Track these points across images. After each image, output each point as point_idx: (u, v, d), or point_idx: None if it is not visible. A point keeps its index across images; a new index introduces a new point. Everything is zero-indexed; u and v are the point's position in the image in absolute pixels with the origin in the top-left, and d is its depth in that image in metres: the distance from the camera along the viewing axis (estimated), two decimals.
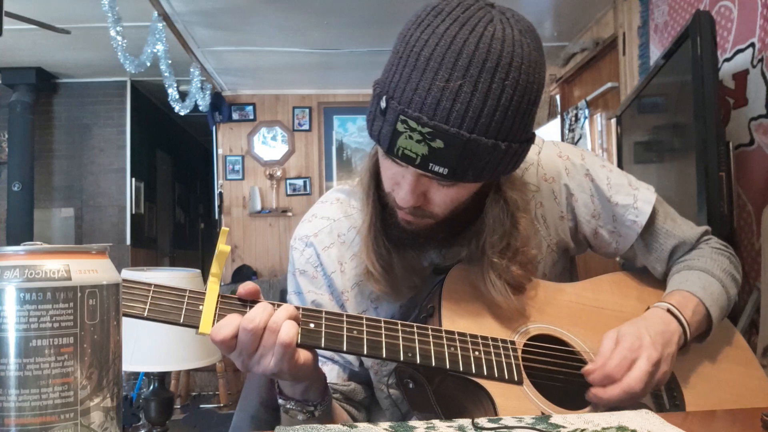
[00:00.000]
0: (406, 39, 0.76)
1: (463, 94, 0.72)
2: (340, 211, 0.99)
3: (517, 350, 0.84)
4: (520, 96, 0.74)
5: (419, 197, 0.81)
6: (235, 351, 0.74)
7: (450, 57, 0.72)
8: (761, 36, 1.93)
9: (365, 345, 0.77)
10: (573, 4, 3.69)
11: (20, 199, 5.00)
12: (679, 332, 0.86)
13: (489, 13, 0.75)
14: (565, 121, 4.33)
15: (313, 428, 0.66)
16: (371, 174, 0.89)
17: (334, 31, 4.19)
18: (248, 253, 5.73)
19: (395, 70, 0.76)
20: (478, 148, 0.74)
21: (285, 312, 0.74)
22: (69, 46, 4.41)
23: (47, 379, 0.46)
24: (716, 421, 0.79)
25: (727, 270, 0.98)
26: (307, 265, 0.98)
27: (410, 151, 0.74)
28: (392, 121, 0.75)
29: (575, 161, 0.99)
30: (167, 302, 0.74)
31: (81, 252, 0.49)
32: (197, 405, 4.20)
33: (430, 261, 0.96)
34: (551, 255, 1.00)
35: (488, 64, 0.71)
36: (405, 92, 0.74)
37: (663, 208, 1.01)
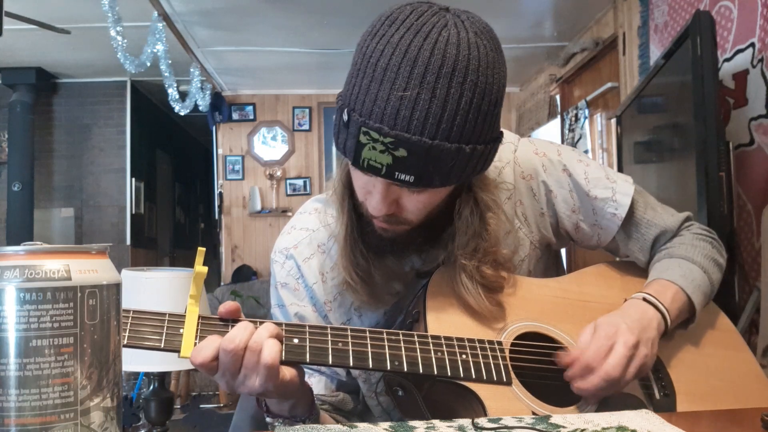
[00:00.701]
0: (362, 50, 0.77)
1: (421, 102, 0.72)
2: (318, 221, 0.99)
3: (505, 350, 0.83)
4: (479, 98, 0.74)
5: (391, 205, 0.81)
6: (218, 373, 0.73)
7: (406, 65, 0.72)
8: (761, 36, 1.93)
9: (351, 357, 0.77)
10: (573, 4, 3.69)
11: (20, 199, 5.00)
12: (658, 318, 0.86)
13: (443, 18, 0.75)
14: (565, 121, 4.33)
15: (313, 428, 0.66)
16: (344, 183, 0.89)
17: (334, 31, 4.19)
18: (248, 253, 5.73)
19: (354, 82, 0.77)
20: (442, 154, 0.74)
21: (266, 331, 0.73)
22: (69, 46, 4.41)
23: (47, 379, 0.46)
24: (716, 421, 0.79)
25: (708, 255, 0.97)
26: (288, 278, 0.97)
27: (375, 162, 0.75)
28: (355, 133, 0.76)
29: (552, 157, 0.99)
30: (147, 327, 0.73)
31: (81, 252, 0.49)
32: (197, 405, 4.20)
33: (411, 266, 0.95)
34: (535, 252, 1.00)
35: (444, 69, 0.72)
36: (365, 104, 0.74)
37: (643, 199, 1.01)
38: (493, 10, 3.70)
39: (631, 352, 0.80)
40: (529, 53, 4.59)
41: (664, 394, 0.87)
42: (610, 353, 0.79)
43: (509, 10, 3.76)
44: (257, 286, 5.24)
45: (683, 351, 0.92)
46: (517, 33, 4.15)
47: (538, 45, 4.42)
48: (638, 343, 0.81)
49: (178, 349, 0.73)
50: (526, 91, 5.43)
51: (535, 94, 5.08)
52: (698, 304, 0.91)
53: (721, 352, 0.95)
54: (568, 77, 4.38)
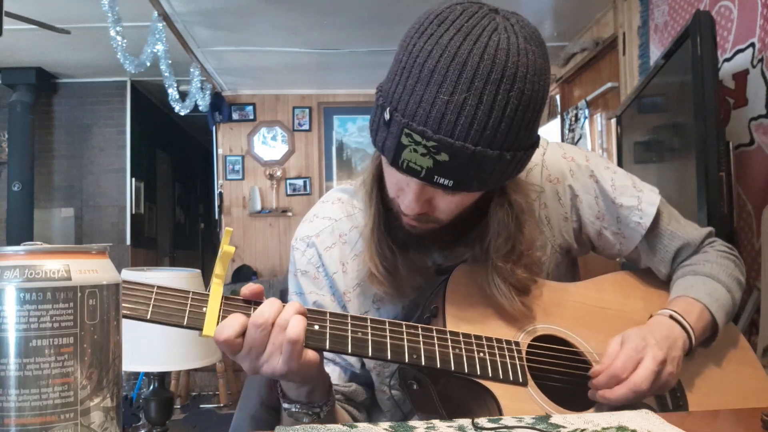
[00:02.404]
0: (408, 48, 0.75)
1: (467, 107, 0.71)
2: (341, 211, 0.99)
3: (522, 351, 0.84)
4: (525, 106, 0.73)
5: (424, 204, 0.81)
6: (243, 351, 0.73)
7: (454, 69, 0.71)
8: (761, 36, 1.93)
9: (370, 346, 0.77)
10: (573, 4, 3.69)
11: (20, 199, 5.00)
12: (684, 337, 0.86)
13: (493, 21, 0.74)
14: (565, 121, 4.33)
15: (312, 428, 0.66)
16: (374, 176, 0.89)
17: (334, 31, 4.19)
18: (248, 253, 5.73)
19: (398, 81, 0.75)
20: (484, 160, 0.73)
21: (292, 308, 0.74)
22: (69, 46, 4.41)
23: (47, 379, 0.46)
24: (716, 420, 0.79)
25: (732, 274, 0.98)
26: (308, 266, 0.97)
27: (415, 164, 0.74)
28: (396, 133, 0.74)
29: (580, 162, 0.99)
30: (170, 304, 0.73)
31: (81, 252, 0.49)
32: (197, 405, 4.20)
33: (433, 261, 0.96)
34: (555, 256, 1.00)
35: (493, 75, 0.71)
36: (409, 105, 0.73)
37: (667, 210, 1.01)
38: None
39: (659, 368, 0.80)
40: None
41: (677, 405, 0.88)
42: (639, 366, 0.79)
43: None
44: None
45: (698, 365, 0.92)
46: None
47: None
48: (665, 360, 0.81)
49: (201, 327, 0.73)
50: None
51: None
52: (721, 323, 0.91)
53: (736, 368, 0.95)
54: (568, 77, 4.38)
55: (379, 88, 0.80)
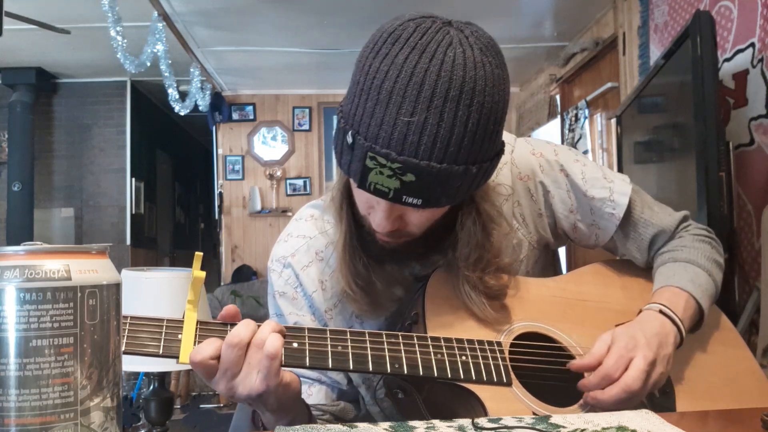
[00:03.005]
0: (365, 69, 0.75)
1: (429, 126, 0.71)
2: (315, 228, 0.98)
3: (504, 351, 0.83)
4: (486, 118, 0.73)
5: (395, 221, 0.81)
6: (218, 372, 0.72)
7: (412, 89, 0.70)
8: (761, 36, 1.93)
9: (351, 360, 0.76)
10: (573, 4, 3.69)
11: (20, 199, 5.00)
12: (674, 332, 0.85)
13: (447, 35, 0.73)
14: (565, 121, 4.33)
15: (312, 428, 0.66)
16: (343, 193, 0.88)
17: (334, 31, 4.19)
18: (248, 253, 5.73)
19: (357, 102, 0.75)
20: (450, 176, 0.74)
21: (269, 327, 0.73)
22: (69, 46, 4.41)
23: (47, 379, 0.46)
24: (716, 420, 0.79)
25: (710, 257, 0.97)
26: (286, 287, 0.96)
27: (382, 186, 0.74)
28: (361, 156, 0.74)
29: (549, 158, 0.99)
30: (145, 334, 0.73)
31: (81, 252, 0.49)
32: (197, 405, 4.20)
33: (410, 271, 0.96)
34: (533, 252, 1.00)
35: (451, 92, 0.70)
36: (370, 128, 0.73)
37: (640, 198, 1.01)
38: (493, 10, 3.70)
39: (650, 368, 0.79)
40: (529, 53, 4.59)
41: (663, 393, 0.87)
42: (630, 365, 0.79)
43: (509, 10, 3.76)
44: (257, 286, 5.23)
45: (683, 350, 0.92)
46: (517, 33, 4.15)
47: (538, 45, 4.42)
48: (656, 360, 0.81)
49: (177, 355, 0.73)
50: (526, 91, 5.43)
51: (535, 94, 5.08)
52: (706, 309, 0.91)
53: (719, 349, 0.95)
54: (568, 77, 4.38)
55: (340, 109, 0.80)
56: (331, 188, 0.91)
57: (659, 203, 1.04)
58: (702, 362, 0.93)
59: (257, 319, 0.75)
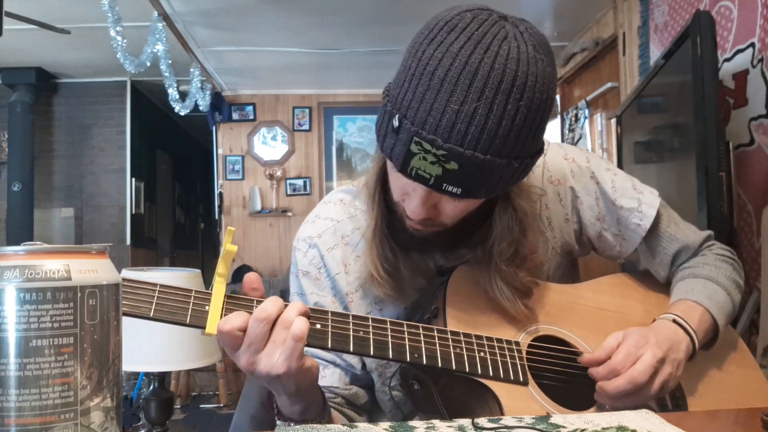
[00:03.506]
0: (418, 55, 0.74)
1: (478, 116, 0.71)
2: (344, 213, 0.99)
3: (522, 351, 0.84)
4: (534, 114, 0.73)
5: (429, 210, 0.81)
6: (243, 346, 0.73)
7: (465, 78, 0.71)
8: (761, 36, 1.93)
9: (371, 345, 0.77)
10: (573, 4, 3.69)
11: (20, 199, 5.00)
12: (687, 341, 0.86)
13: (503, 29, 0.74)
14: (565, 121, 4.33)
15: (313, 428, 0.66)
16: (377, 178, 0.89)
17: (334, 31, 4.19)
18: (248, 253, 5.73)
19: (407, 87, 0.75)
20: (493, 168, 0.74)
21: (295, 308, 0.74)
22: (69, 46, 4.41)
23: (47, 379, 0.46)
24: (716, 420, 0.79)
25: (731, 277, 0.98)
26: (310, 267, 0.97)
27: (424, 172, 0.74)
28: (405, 141, 0.74)
29: (581, 164, 0.99)
30: (173, 302, 0.74)
31: (81, 252, 0.49)
32: (197, 405, 4.20)
33: (434, 263, 0.96)
34: (555, 257, 1.00)
35: (503, 85, 0.71)
36: (419, 113, 0.73)
37: (666, 213, 1.02)
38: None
39: (658, 365, 0.80)
40: None
41: (676, 405, 0.88)
42: (638, 360, 0.80)
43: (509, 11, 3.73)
44: None
45: (699, 365, 0.93)
46: None
47: None
48: (665, 359, 0.81)
49: (203, 326, 0.74)
50: None
51: None
52: (722, 326, 0.91)
53: (734, 369, 0.96)
54: (568, 77, 4.38)
55: (386, 92, 0.80)
56: (366, 173, 0.92)
57: (684, 221, 1.05)
58: (715, 380, 0.93)
59: None
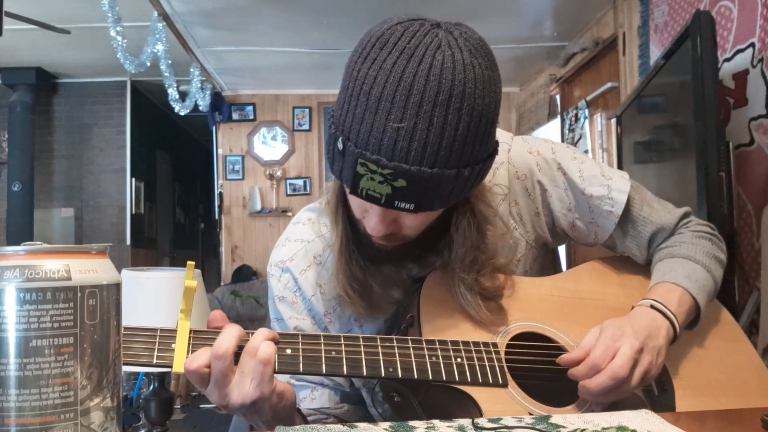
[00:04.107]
0: (353, 75, 0.74)
1: (419, 132, 0.70)
2: (312, 232, 0.98)
3: (500, 352, 0.83)
4: (477, 121, 0.73)
5: (390, 225, 0.81)
6: (210, 383, 0.72)
7: (401, 94, 0.70)
8: (761, 36, 1.93)
9: (345, 364, 0.76)
10: (573, 4, 3.69)
11: (20, 199, 5.00)
12: (667, 326, 0.85)
13: (436, 38, 0.72)
14: (565, 121, 4.33)
15: (313, 428, 0.66)
16: (338, 197, 0.88)
17: (334, 31, 4.19)
18: (248, 253, 5.73)
19: (347, 109, 0.75)
20: (442, 180, 0.73)
21: (261, 334, 0.73)
22: (69, 46, 4.41)
23: (47, 379, 0.46)
24: (716, 420, 0.79)
25: (709, 253, 0.96)
26: (285, 291, 0.97)
27: (374, 192, 0.74)
28: (351, 163, 0.74)
29: (546, 156, 0.98)
30: (138, 344, 0.73)
31: (81, 252, 0.49)
32: (197, 405, 4.20)
33: (408, 273, 0.95)
34: (531, 251, 0.99)
35: (441, 97, 0.70)
36: (360, 134, 0.73)
37: (639, 195, 1.00)
38: (493, 10, 3.70)
39: (637, 355, 0.79)
40: (529, 53, 4.59)
41: (662, 390, 0.87)
42: (616, 354, 0.79)
43: (509, 10, 3.76)
44: (257, 286, 5.23)
45: (681, 345, 0.91)
46: (517, 33, 4.15)
47: (538, 45, 4.42)
48: (642, 348, 0.80)
49: (170, 365, 0.73)
50: (526, 91, 5.43)
51: (535, 94, 5.08)
52: (703, 305, 0.90)
53: (720, 344, 0.95)
54: (568, 77, 4.38)
55: (331, 114, 0.80)
56: (327, 192, 0.91)
57: (660, 200, 1.03)
58: (701, 357, 0.92)
59: (258, 319, 0.75)
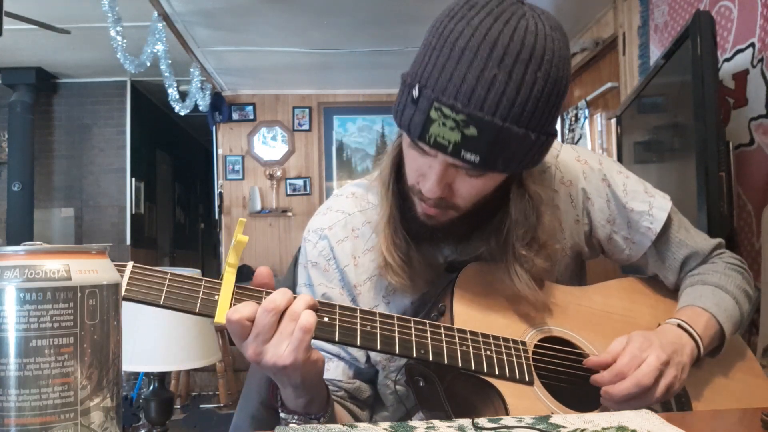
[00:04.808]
0: (439, 31, 0.77)
1: (497, 83, 0.73)
2: (355, 206, 0.99)
3: (528, 351, 0.84)
4: (550, 88, 0.75)
5: (445, 188, 0.81)
6: (251, 336, 0.73)
7: (485, 47, 0.73)
8: (761, 36, 1.93)
9: (379, 340, 0.78)
10: (573, 4, 3.69)
11: (20, 199, 5.00)
12: (691, 345, 0.86)
13: (521, 8, 0.76)
14: (565, 121, 4.33)
15: (313, 428, 0.66)
16: (391, 168, 0.90)
17: (334, 31, 4.19)
18: (248, 253, 5.72)
19: (428, 61, 0.77)
20: (510, 137, 0.75)
21: (304, 300, 0.75)
22: (69, 46, 4.41)
23: (47, 379, 0.46)
24: (716, 420, 0.79)
25: (740, 286, 0.98)
26: (319, 258, 0.98)
27: (443, 138, 0.75)
28: (425, 108, 0.75)
29: (593, 165, 0.99)
30: (183, 291, 0.74)
31: (81, 252, 0.49)
32: (197, 405, 4.20)
33: (444, 257, 0.96)
34: (564, 259, 1.00)
35: (522, 55, 0.73)
36: (439, 81, 0.75)
37: (677, 218, 1.02)
38: None
39: (663, 367, 0.80)
40: None
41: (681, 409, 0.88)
42: (642, 363, 0.80)
43: None
44: None
45: (706, 372, 0.93)
46: None
47: None
48: (669, 361, 0.81)
49: (212, 315, 0.74)
50: None
51: None
52: (728, 334, 0.91)
53: (742, 377, 0.96)
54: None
55: (405, 73, 0.82)
56: (379, 167, 0.93)
57: (695, 229, 1.05)
58: (723, 387, 0.93)
59: None
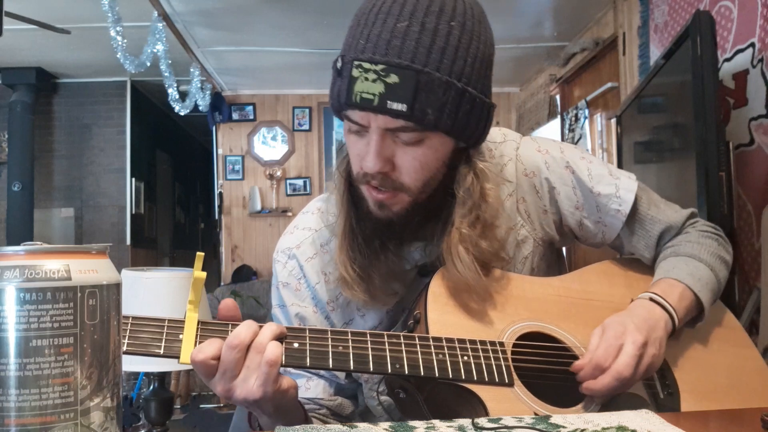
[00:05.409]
0: (357, 14, 0.84)
1: (411, 33, 0.77)
2: (321, 221, 0.99)
3: (507, 351, 0.83)
4: (468, 38, 0.80)
5: (386, 162, 0.81)
6: (217, 374, 0.72)
7: (396, 6, 0.79)
8: (761, 36, 1.93)
9: (351, 360, 0.77)
10: (573, 4, 3.69)
11: (20, 199, 5.00)
12: (665, 318, 0.85)
13: None
14: (565, 121, 4.33)
15: (313, 428, 0.66)
16: (344, 175, 0.90)
17: (334, 31, 4.19)
18: (248, 253, 5.72)
19: (348, 36, 0.83)
20: (433, 83, 0.77)
21: (270, 331, 0.73)
22: (69, 46, 4.41)
23: (47, 379, 0.46)
24: (716, 420, 0.79)
25: (715, 252, 0.97)
26: (290, 278, 0.97)
27: (368, 93, 0.77)
28: (347, 72, 0.79)
29: (554, 154, 0.99)
30: (146, 334, 0.74)
31: (81, 252, 0.49)
32: (197, 405, 4.20)
33: (415, 261, 0.95)
34: (538, 249, 1.00)
35: (432, 8, 0.79)
36: (357, 44, 0.79)
37: (646, 195, 1.01)
38: (493, 10, 3.67)
39: (641, 351, 0.80)
40: (529, 53, 4.58)
41: (667, 393, 0.87)
42: (620, 353, 0.79)
43: (509, 10, 3.76)
44: (257, 286, 5.23)
45: (687, 349, 0.92)
46: (517, 33, 4.15)
47: (538, 45, 4.42)
48: (646, 342, 0.81)
49: (178, 355, 0.73)
50: (526, 91, 5.43)
51: (535, 94, 5.08)
52: (706, 302, 0.90)
53: (726, 348, 0.95)
54: (568, 77, 4.37)
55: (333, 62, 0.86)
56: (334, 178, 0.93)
57: (666, 201, 1.04)
58: (707, 362, 0.92)
59: (257, 320, 0.76)
